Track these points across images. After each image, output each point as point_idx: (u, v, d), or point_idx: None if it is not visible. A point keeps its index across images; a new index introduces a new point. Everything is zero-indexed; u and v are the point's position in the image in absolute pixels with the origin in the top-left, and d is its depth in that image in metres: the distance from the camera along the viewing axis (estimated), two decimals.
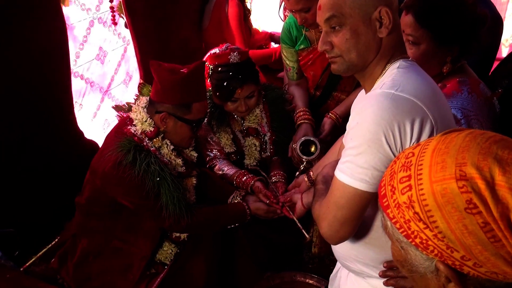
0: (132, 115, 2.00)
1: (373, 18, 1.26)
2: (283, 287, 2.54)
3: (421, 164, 0.80)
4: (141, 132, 1.95)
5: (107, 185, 1.92)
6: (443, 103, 1.29)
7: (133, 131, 1.94)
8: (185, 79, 1.87)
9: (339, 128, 2.46)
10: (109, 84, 3.73)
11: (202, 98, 1.98)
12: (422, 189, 0.78)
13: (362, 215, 1.30)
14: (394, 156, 1.18)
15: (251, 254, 2.47)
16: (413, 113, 1.17)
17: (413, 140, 1.18)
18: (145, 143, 1.93)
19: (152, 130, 1.95)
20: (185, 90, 1.90)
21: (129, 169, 1.83)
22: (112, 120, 3.90)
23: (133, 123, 1.97)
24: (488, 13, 1.68)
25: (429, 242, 0.79)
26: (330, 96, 2.59)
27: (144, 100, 2.03)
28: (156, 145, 1.97)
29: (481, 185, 0.73)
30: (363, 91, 1.54)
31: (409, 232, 0.82)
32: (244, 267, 2.47)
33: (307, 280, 2.55)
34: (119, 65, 3.79)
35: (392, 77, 1.25)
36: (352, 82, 2.50)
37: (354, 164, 1.21)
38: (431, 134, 1.19)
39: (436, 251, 0.79)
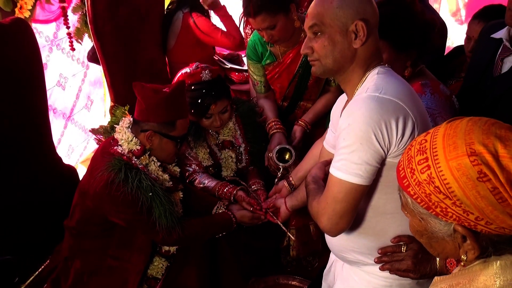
0: (117, 135, 2.06)
1: (349, 30, 1.43)
2: None
3: (435, 147, 0.98)
4: (128, 151, 2.01)
5: (100, 204, 1.97)
6: (418, 102, 1.48)
7: (120, 151, 2.00)
8: (169, 98, 1.96)
9: (309, 134, 2.63)
10: (72, 110, 3.74)
11: (185, 115, 2.07)
12: (440, 167, 0.95)
13: (358, 207, 1.45)
14: (383, 150, 1.35)
15: (234, 261, 2.56)
16: (397, 112, 1.34)
17: (399, 136, 1.35)
18: (133, 161, 2.00)
19: (138, 148, 2.02)
20: (169, 108, 1.98)
21: (122, 187, 1.90)
22: (76, 145, 3.90)
23: (119, 143, 2.03)
24: (436, 18, 1.87)
25: (448, 210, 0.96)
26: (297, 106, 2.76)
27: (127, 120, 2.10)
28: (144, 163, 2.03)
29: (488, 158, 0.91)
30: (342, 96, 1.71)
31: (430, 204, 0.99)
32: (228, 275, 2.53)
33: (290, 282, 2.69)
34: (79, 90, 3.81)
35: (374, 82, 1.42)
36: (316, 91, 2.68)
37: (348, 161, 1.37)
38: (413, 129, 1.37)
39: (454, 216, 0.96)
